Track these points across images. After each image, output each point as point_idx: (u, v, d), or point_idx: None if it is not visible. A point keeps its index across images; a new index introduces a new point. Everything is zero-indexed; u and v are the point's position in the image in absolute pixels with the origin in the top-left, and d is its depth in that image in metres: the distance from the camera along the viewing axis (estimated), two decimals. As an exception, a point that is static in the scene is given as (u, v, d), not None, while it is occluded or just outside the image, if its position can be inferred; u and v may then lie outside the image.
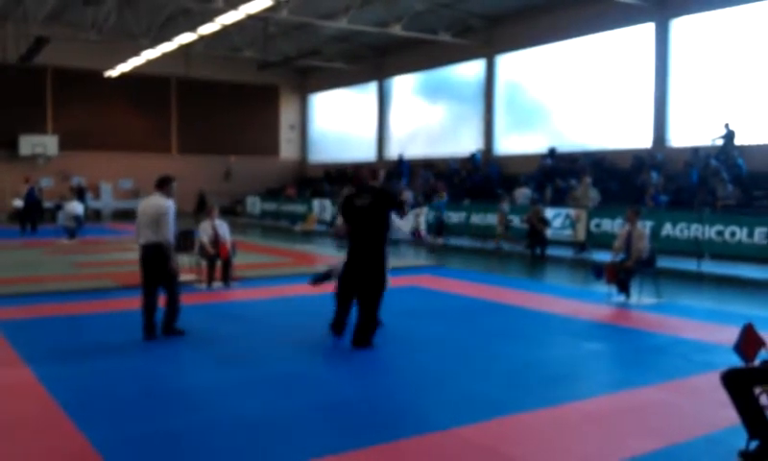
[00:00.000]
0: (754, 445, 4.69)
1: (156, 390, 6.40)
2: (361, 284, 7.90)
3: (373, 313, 7.89)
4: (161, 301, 8.46)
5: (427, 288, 12.67)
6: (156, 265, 8.25)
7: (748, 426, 4.66)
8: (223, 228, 12.49)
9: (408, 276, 13.83)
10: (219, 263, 12.34)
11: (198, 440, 5.19)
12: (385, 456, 4.89)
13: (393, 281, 8.99)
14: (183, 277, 9.55)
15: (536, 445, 5.15)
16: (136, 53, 29.44)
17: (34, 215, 24.85)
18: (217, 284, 12.32)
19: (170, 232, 8.22)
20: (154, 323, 8.39)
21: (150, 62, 30.48)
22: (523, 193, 22.53)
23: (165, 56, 29.31)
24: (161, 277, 8.31)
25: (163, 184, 8.45)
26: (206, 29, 24.98)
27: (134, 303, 10.87)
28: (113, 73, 32.83)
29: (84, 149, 34.03)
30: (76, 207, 21.72)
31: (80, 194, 27.87)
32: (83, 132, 33.96)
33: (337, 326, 8.17)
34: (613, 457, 4.85)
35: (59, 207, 26.58)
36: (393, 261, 9.23)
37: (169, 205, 8.29)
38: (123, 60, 30.92)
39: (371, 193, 8.01)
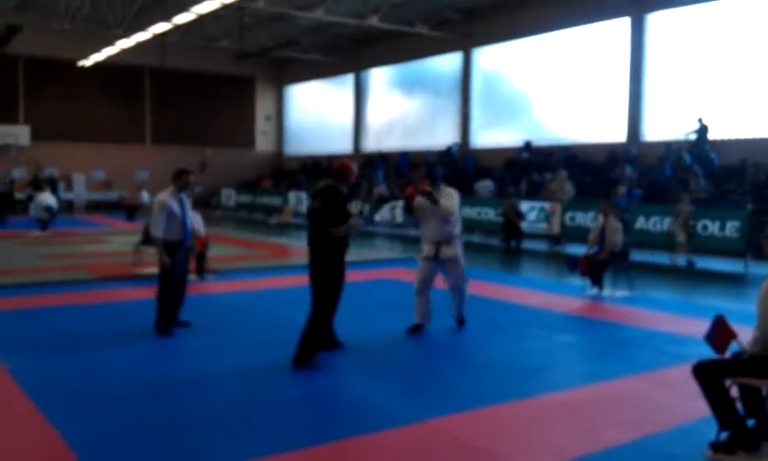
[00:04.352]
0: (724, 436, 4.75)
1: (130, 384, 6.33)
2: None
3: None
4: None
5: (397, 280, 12.41)
6: None
7: (719, 418, 4.72)
8: (197, 220, 12.38)
9: (379, 269, 13.81)
10: (193, 255, 12.23)
11: (172, 433, 5.15)
12: (358, 449, 4.89)
13: (363, 274, 8.97)
14: (152, 269, 9.44)
15: (509, 436, 5.18)
16: (110, 42, 29.02)
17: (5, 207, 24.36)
18: (192, 277, 12.22)
19: (157, 227, 8.03)
20: (172, 316, 8.40)
21: (124, 52, 30.04)
22: (485, 186, 22.59)
23: (139, 46, 28.92)
24: None
25: (174, 178, 8.30)
26: (181, 18, 24.64)
27: (109, 294, 10.85)
28: (86, 63, 32.33)
29: (56, 139, 33.43)
30: (48, 199, 21.45)
31: (52, 185, 27.51)
32: (55, 122, 33.39)
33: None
34: (587, 448, 4.89)
35: (30, 199, 26.21)
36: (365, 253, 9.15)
37: (156, 199, 8.21)
38: (96, 49, 30.46)
39: None
